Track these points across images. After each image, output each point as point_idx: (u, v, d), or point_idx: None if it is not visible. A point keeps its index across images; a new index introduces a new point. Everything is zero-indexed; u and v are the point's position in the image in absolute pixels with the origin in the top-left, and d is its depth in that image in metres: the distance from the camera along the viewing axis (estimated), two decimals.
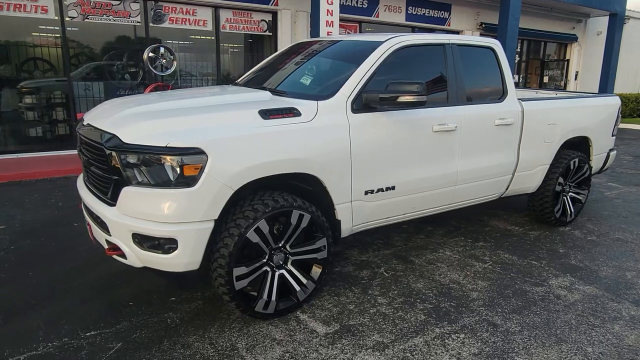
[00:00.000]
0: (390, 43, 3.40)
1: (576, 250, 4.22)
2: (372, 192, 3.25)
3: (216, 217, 2.63)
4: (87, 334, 2.76)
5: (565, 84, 17.59)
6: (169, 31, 9.12)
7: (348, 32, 11.32)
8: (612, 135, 5.24)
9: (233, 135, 2.65)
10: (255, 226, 2.71)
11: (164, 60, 8.27)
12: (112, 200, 2.70)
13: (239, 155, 2.63)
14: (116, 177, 2.64)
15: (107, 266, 3.61)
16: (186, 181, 2.52)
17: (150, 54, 8.12)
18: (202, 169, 2.53)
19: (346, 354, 2.61)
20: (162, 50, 8.23)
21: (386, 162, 3.28)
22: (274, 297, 2.90)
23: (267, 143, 2.73)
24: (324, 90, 3.27)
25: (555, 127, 4.43)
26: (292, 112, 2.90)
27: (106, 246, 2.83)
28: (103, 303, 3.12)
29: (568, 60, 17.61)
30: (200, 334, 2.79)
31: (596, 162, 5.10)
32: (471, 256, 4.02)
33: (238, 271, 2.72)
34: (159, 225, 2.56)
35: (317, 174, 2.94)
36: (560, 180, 4.64)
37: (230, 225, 2.69)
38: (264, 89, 3.47)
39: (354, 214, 3.22)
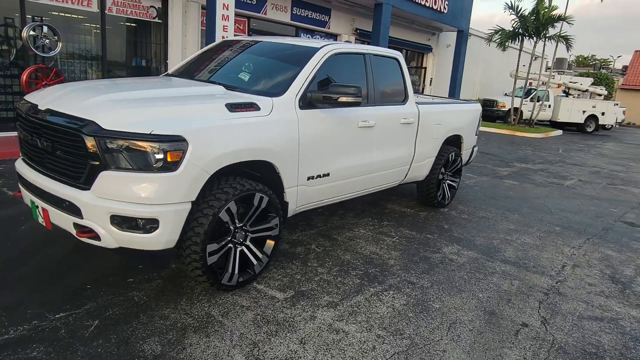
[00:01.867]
0: (326, 50, 3.94)
1: (456, 226, 5.28)
2: (313, 177, 3.77)
3: (194, 199, 2.90)
4: (57, 315, 2.81)
5: (423, 89, 20.04)
6: (48, 7, 8.39)
7: (238, 27, 11.54)
8: (476, 135, 6.52)
9: (209, 125, 2.94)
10: (226, 207, 3.04)
11: (47, 40, 7.66)
12: (85, 185, 2.79)
13: (215, 143, 2.94)
14: (93, 162, 2.74)
15: (50, 251, 3.55)
16: (169, 166, 2.75)
17: (31, 33, 7.47)
18: (183, 155, 2.78)
19: (307, 312, 3.11)
20: (45, 29, 7.62)
21: (324, 152, 3.82)
22: (236, 271, 3.26)
23: (236, 133, 3.08)
24: (272, 88, 3.69)
25: (440, 126, 5.43)
26: (253, 107, 3.28)
27: (73, 230, 2.89)
28: (59, 288, 3.13)
29: (425, 68, 20.08)
30: (172, 307, 3.03)
31: (465, 155, 6.30)
32: (381, 233, 4.79)
33: (210, 247, 3.02)
34: (140, 206, 2.75)
35: (273, 162, 3.36)
36: (442, 170, 5.69)
37: (203, 206, 2.98)
38: (215, 83, 3.74)
39: (298, 196, 3.71)
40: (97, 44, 9.18)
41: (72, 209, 2.85)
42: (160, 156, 2.73)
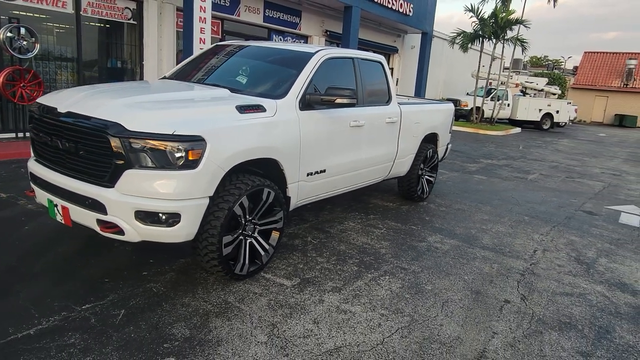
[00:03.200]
0: (320, 54, 4.23)
1: (436, 217, 5.68)
2: (311, 173, 4.05)
3: (212, 194, 3.13)
4: (83, 307, 2.98)
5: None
6: (23, 9, 8.28)
7: (213, 29, 11.63)
8: (449, 133, 6.97)
9: (224, 125, 3.18)
10: (239, 201, 3.28)
11: (24, 42, 7.60)
12: (110, 183, 2.97)
13: (229, 142, 3.18)
14: (118, 162, 2.93)
15: (61, 249, 3.68)
16: (190, 164, 2.97)
17: (8, 34, 7.39)
18: (202, 154, 3.01)
19: (315, 296, 3.40)
20: (22, 30, 7.55)
21: (321, 150, 4.11)
22: (247, 261, 3.50)
23: (247, 133, 3.33)
24: (274, 90, 3.94)
25: (419, 125, 5.82)
26: (260, 108, 3.53)
27: (97, 226, 3.06)
28: (78, 282, 3.28)
29: (392, 69, 20.65)
30: (190, 296, 3.24)
31: (440, 152, 6.73)
32: (369, 225, 5.13)
33: (226, 239, 3.26)
34: (163, 202, 2.95)
35: (279, 159, 3.63)
36: (421, 166, 6.09)
37: (219, 201, 3.21)
38: (219, 86, 3.96)
39: (299, 191, 3.98)
40: (72, 46, 9.11)
41: (96, 206, 3.02)
42: (182, 155, 2.94)
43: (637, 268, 4.63)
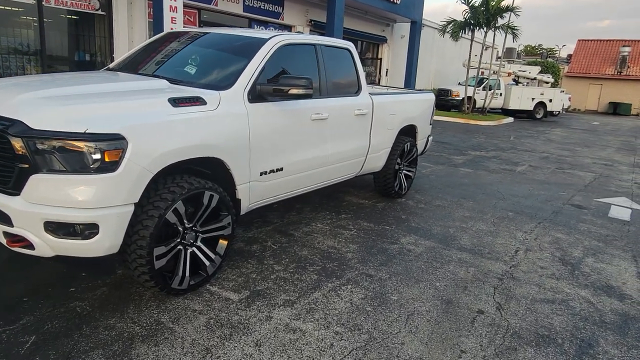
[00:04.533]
0: (275, 40, 3.82)
1: (413, 216, 5.30)
2: (265, 173, 3.66)
3: (137, 201, 2.73)
4: None
5: (379, 80, 20.19)
6: None
7: (188, 19, 11.17)
8: (430, 124, 6.57)
9: (150, 121, 2.77)
10: (173, 207, 2.89)
11: None
12: (15, 190, 2.57)
13: (157, 140, 2.78)
14: (22, 165, 2.53)
15: None
16: (107, 166, 2.57)
17: None
18: (122, 155, 2.61)
19: (263, 312, 3.01)
20: None
21: (276, 147, 3.71)
22: (187, 273, 3.12)
23: (181, 129, 2.92)
24: (219, 80, 3.53)
25: (395, 117, 5.43)
26: (198, 101, 3.12)
27: (4, 239, 2.66)
28: None
29: (381, 59, 20.22)
30: (118, 316, 2.85)
31: (420, 145, 6.34)
32: (338, 226, 4.74)
33: (158, 251, 2.87)
34: (77, 211, 2.56)
35: (223, 158, 3.23)
36: (398, 160, 5.70)
37: (148, 207, 2.82)
38: (159, 76, 3.55)
39: (251, 193, 3.59)
40: (35, 38, 8.65)
41: (2, 217, 2.62)
42: (97, 156, 2.54)
43: (625, 268, 4.28)
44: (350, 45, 4.84)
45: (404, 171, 5.97)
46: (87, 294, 3.07)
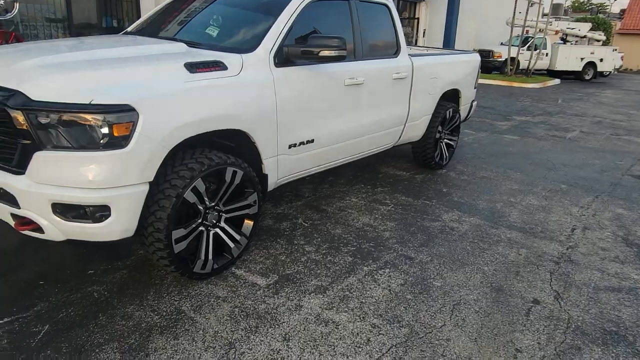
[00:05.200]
0: None
1: (455, 189, 4.88)
2: (294, 145, 3.32)
3: (151, 179, 2.46)
4: (1, 321, 2.43)
5: (416, 41, 19.24)
6: None
7: None
8: (474, 88, 6.02)
9: (164, 90, 2.46)
10: (192, 186, 2.61)
11: (2, 2, 6.96)
12: (19, 168, 2.33)
13: (172, 112, 2.47)
14: (24, 142, 2.28)
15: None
16: (117, 142, 2.30)
17: None
18: (133, 128, 2.32)
19: (292, 300, 2.74)
20: None
21: (306, 116, 3.36)
22: (210, 256, 2.87)
23: (198, 98, 2.60)
24: (242, 43, 3.18)
25: (436, 80, 4.93)
26: (218, 66, 2.78)
27: (12, 222, 2.46)
28: (5, 287, 2.74)
29: (418, 19, 19.19)
30: (137, 303, 2.64)
31: (463, 111, 5.83)
32: (374, 201, 4.39)
33: (177, 233, 2.61)
34: (86, 192, 2.31)
35: (247, 130, 2.91)
36: (439, 128, 5.24)
37: (165, 186, 2.55)
38: (176, 40, 3.22)
39: (279, 167, 3.27)
40: (62, 5, 8.43)
41: (8, 198, 2.41)
42: (105, 130, 2.27)
43: None
44: (388, 0, 4.34)
45: (445, 140, 5.51)
46: (105, 277, 2.87)
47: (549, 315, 2.77)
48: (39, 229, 2.41)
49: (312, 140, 3.46)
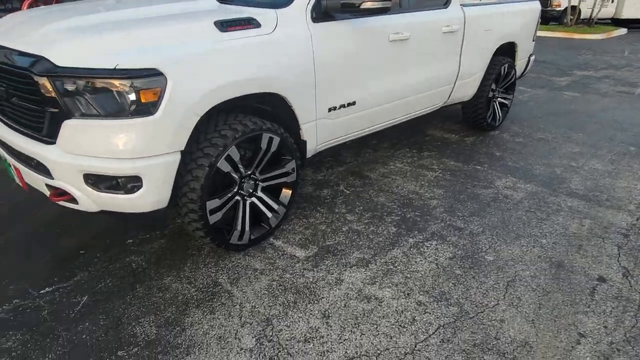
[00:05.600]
0: None
1: (509, 152, 4.52)
2: (334, 108, 3.10)
3: (183, 148, 2.33)
4: (41, 291, 2.44)
5: None
6: None
7: None
8: (533, 41, 5.49)
9: (193, 51, 2.28)
10: (226, 154, 2.46)
11: None
12: (50, 138, 2.26)
13: (202, 75, 2.30)
14: (52, 110, 2.19)
15: (41, 211, 3.16)
16: (145, 109, 2.16)
17: None
18: (161, 94, 2.17)
19: (332, 274, 2.60)
20: None
21: (347, 77, 3.11)
22: (247, 227, 2.76)
23: (230, 60, 2.41)
24: None
25: (490, 33, 4.50)
26: (251, 24, 2.56)
27: (48, 192, 2.42)
28: (48, 255, 2.75)
29: None
30: (174, 274, 2.59)
31: (520, 67, 5.35)
32: (420, 166, 4.13)
33: (211, 204, 2.50)
34: (116, 162, 2.21)
35: (283, 93, 2.70)
36: (493, 86, 4.82)
37: (198, 155, 2.42)
38: None
39: (318, 132, 3.07)
40: None
41: (42, 169, 2.36)
42: (132, 97, 2.13)
43: None
44: None
45: (498, 99, 5.09)
46: (144, 247, 2.83)
47: (616, 295, 2.50)
48: (73, 200, 2.36)
49: (354, 103, 3.22)
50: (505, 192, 3.65)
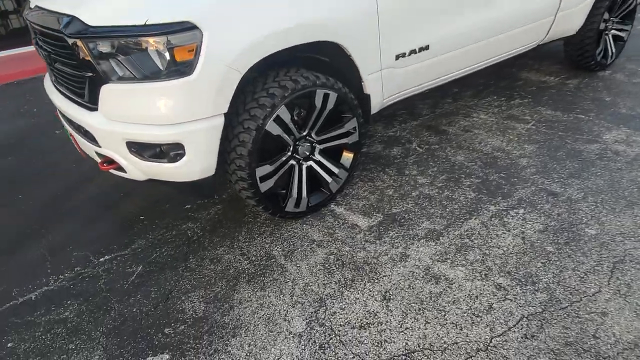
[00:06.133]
0: None
1: (624, 97, 3.76)
2: (403, 55, 2.67)
3: (226, 110, 2.10)
4: (101, 259, 2.43)
5: None
6: None
7: None
8: None
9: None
10: (275, 115, 2.20)
11: None
12: (91, 104, 2.15)
13: (243, 25, 2.01)
14: (90, 74, 2.06)
15: (105, 178, 3.17)
16: (180, 68, 1.95)
17: None
18: (197, 50, 1.93)
19: (397, 247, 2.31)
20: None
21: (418, 14, 2.64)
22: (304, 194, 2.52)
23: (275, 5, 2.09)
24: None
25: None
26: None
27: (98, 160, 2.35)
28: (110, 221, 2.76)
29: None
30: (228, 244, 2.46)
31: None
32: (510, 117, 3.57)
33: (261, 171, 2.29)
34: (155, 129, 2.04)
35: (340, 41, 2.34)
36: (605, 16, 3.98)
37: (244, 117, 2.18)
38: None
39: (384, 84, 2.68)
40: None
41: (89, 136, 2.28)
42: (166, 56, 1.92)
43: None
44: None
45: (612, 31, 4.22)
46: (200, 213, 2.74)
47: None
48: (120, 169, 2.27)
49: (427, 47, 2.76)
50: (615, 148, 3.02)
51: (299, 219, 2.58)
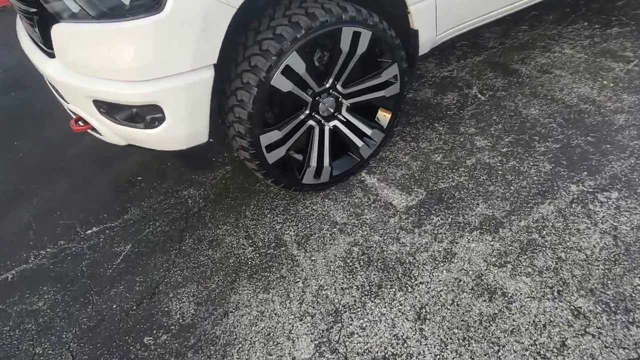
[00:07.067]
0: None
1: None
2: None
3: (215, 61, 1.56)
4: (88, 231, 2.09)
5: None
6: None
7: None
8: None
9: None
10: (283, 66, 1.63)
11: None
12: (48, 48, 1.66)
13: None
14: (34, 9, 1.55)
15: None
16: (147, 2, 1.40)
17: None
18: None
19: (441, 241, 1.78)
20: None
21: None
22: (326, 162, 2.00)
23: None
24: None
25: None
26: None
27: (73, 117, 1.91)
28: (105, 181, 2.39)
29: None
30: (232, 222, 2.03)
31: None
32: (604, 52, 2.75)
33: (268, 138, 1.77)
34: (124, 86, 1.54)
35: None
36: None
37: (243, 68, 1.63)
38: None
39: (438, 15, 1.99)
40: None
41: (55, 88, 1.83)
42: None
43: None
44: None
45: None
46: (205, 177, 2.30)
47: None
48: (95, 130, 1.82)
49: None
50: None
51: (321, 191, 2.08)
